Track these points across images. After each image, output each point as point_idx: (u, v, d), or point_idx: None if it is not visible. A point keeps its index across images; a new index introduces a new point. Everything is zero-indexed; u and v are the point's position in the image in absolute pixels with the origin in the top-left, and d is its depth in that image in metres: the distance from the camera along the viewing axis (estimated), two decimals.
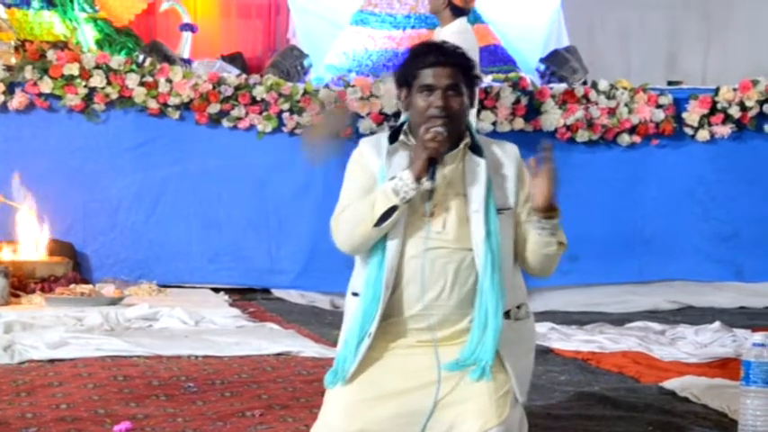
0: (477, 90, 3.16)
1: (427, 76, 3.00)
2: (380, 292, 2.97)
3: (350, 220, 3.01)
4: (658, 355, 4.97)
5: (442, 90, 2.99)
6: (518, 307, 3.05)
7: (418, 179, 2.93)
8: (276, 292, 7.03)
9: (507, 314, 2.99)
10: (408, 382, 2.93)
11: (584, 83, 7.60)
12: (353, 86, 7.14)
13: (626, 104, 7.38)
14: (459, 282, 2.97)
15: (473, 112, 6.49)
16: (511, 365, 2.94)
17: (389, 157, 3.04)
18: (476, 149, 3.04)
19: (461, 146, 3.04)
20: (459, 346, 2.97)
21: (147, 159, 7.07)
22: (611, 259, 7.34)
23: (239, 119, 7.07)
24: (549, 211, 2.99)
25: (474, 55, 6.35)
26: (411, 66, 3.04)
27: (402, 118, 3.22)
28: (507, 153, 3.09)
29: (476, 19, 8.22)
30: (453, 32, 6.32)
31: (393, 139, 3.08)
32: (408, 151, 3.04)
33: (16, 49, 7.21)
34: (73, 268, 6.71)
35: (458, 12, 6.41)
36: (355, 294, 3.05)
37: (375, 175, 3.04)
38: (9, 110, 6.90)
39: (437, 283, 2.97)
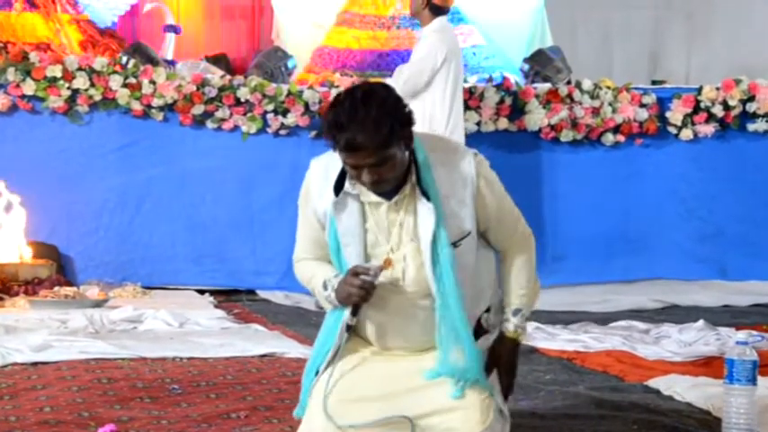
0: (413, 128, 2.90)
1: (348, 157, 2.77)
2: (337, 332, 2.95)
3: (305, 284, 3.09)
4: (643, 353, 4.98)
5: (367, 168, 2.77)
6: (487, 310, 3.03)
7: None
8: (261, 294, 7.02)
9: (478, 323, 2.98)
10: (391, 387, 2.92)
11: (568, 82, 7.62)
12: (337, 87, 7.13)
13: (610, 104, 7.40)
14: (426, 328, 2.91)
15: (460, 110, 6.50)
16: (491, 384, 2.93)
17: (338, 213, 2.90)
18: (423, 184, 2.85)
19: (407, 189, 2.87)
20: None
21: (131, 161, 7.05)
22: (595, 259, 7.36)
23: (223, 120, 7.06)
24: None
25: (456, 53, 6.42)
26: (329, 137, 2.78)
27: None
28: (462, 173, 2.89)
29: (460, 19, 8.23)
30: (433, 31, 6.35)
31: (341, 181, 2.90)
32: (357, 202, 2.89)
33: None
34: (57, 271, 6.69)
35: (437, 11, 6.43)
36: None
37: (321, 220, 2.95)
38: None
39: (404, 332, 2.94)
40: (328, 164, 2.95)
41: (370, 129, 2.72)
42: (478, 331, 3.00)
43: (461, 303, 2.86)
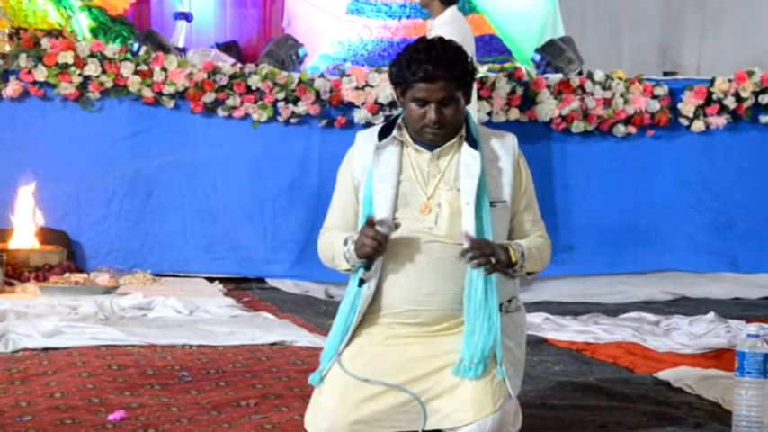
0: (474, 85, 3.12)
1: (420, 90, 2.94)
2: (362, 291, 2.97)
3: (325, 253, 3.13)
4: (653, 345, 4.97)
5: (436, 104, 2.95)
6: (509, 301, 3.05)
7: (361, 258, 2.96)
8: (271, 282, 7.02)
9: (499, 308, 2.98)
10: (403, 374, 2.93)
11: (580, 73, 7.59)
12: (349, 76, 7.13)
13: (621, 95, 7.37)
14: (454, 276, 2.96)
15: (473, 102, 6.49)
16: (503, 359, 2.93)
17: (378, 153, 3.03)
18: (472, 142, 3.02)
19: (455, 138, 3.03)
20: (457, 335, 2.96)
21: (142, 148, 7.05)
22: (605, 250, 7.35)
23: (234, 108, 7.06)
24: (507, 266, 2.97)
25: (468, 44, 6.41)
26: (405, 72, 2.97)
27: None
28: (505, 145, 3.08)
29: (471, 9, 8.22)
30: (445, 23, 6.33)
31: (387, 131, 3.06)
32: (399, 147, 3.03)
33: (10, 36, 7.19)
34: (67, 257, 6.70)
35: (447, 1, 6.41)
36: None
37: (358, 179, 3.06)
38: (3, 98, 6.88)
39: (431, 278, 2.97)
40: (374, 130, 3.10)
41: (447, 62, 2.95)
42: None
43: None
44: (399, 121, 3.07)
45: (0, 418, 3.43)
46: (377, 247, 2.90)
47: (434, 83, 2.92)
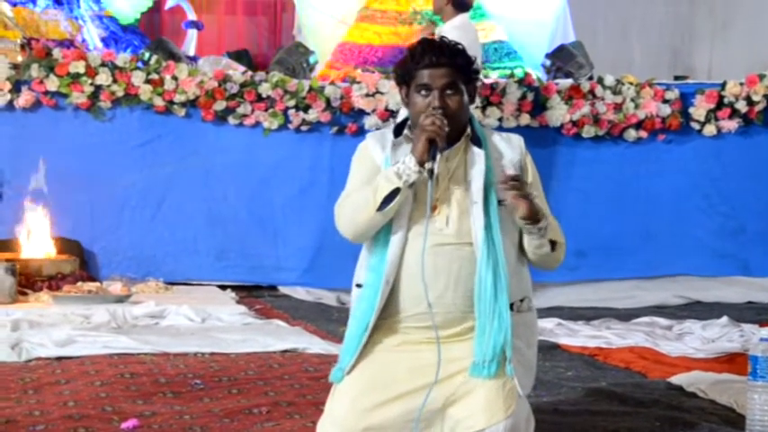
0: (477, 85, 3.14)
1: (424, 76, 3.00)
2: (380, 286, 2.98)
3: (353, 205, 3.02)
4: (665, 350, 4.96)
5: (439, 90, 2.99)
6: (521, 300, 3.05)
7: (420, 163, 2.93)
8: (282, 289, 7.03)
9: (510, 307, 2.98)
10: (416, 380, 2.93)
11: (590, 78, 7.58)
12: (359, 83, 7.14)
13: (632, 100, 7.36)
14: (464, 277, 2.96)
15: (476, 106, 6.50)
16: (513, 358, 2.94)
17: (394, 149, 3.06)
18: (477, 142, 3.05)
19: (462, 139, 3.05)
20: (468, 342, 2.97)
21: (154, 157, 7.08)
22: (617, 255, 7.33)
23: (245, 116, 7.07)
24: (532, 217, 2.95)
25: (475, 50, 6.42)
26: (409, 65, 3.04)
27: (404, 114, 3.23)
28: (512, 144, 3.11)
29: (482, 15, 8.23)
30: (454, 27, 6.35)
31: (398, 133, 3.10)
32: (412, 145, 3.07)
33: (22, 47, 7.23)
34: (80, 266, 6.72)
35: (460, 7, 6.43)
36: (359, 286, 3.06)
37: (379, 166, 3.06)
38: (15, 108, 6.91)
39: (441, 280, 2.97)
40: (384, 131, 3.14)
41: (450, 51, 3.02)
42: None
43: (501, 256, 2.94)
44: (409, 122, 3.09)
45: (14, 428, 3.45)
46: (438, 129, 2.91)
47: (438, 68, 2.99)
